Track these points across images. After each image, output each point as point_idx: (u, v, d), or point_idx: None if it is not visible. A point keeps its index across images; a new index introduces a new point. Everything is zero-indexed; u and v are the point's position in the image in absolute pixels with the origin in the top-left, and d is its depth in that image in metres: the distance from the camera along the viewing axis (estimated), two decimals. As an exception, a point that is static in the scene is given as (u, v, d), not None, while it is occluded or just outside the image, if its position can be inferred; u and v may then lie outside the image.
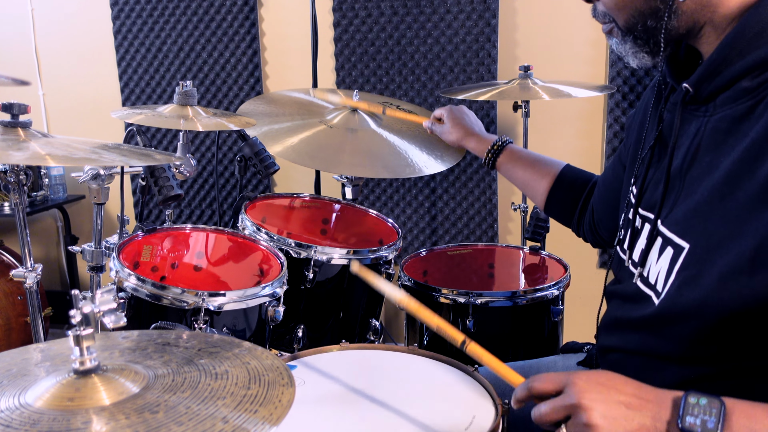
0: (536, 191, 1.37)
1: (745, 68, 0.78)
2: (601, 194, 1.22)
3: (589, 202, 1.28)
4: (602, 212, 1.21)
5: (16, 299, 2.41)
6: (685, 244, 0.81)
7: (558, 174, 1.34)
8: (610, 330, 0.98)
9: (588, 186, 1.30)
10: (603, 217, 1.22)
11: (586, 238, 1.31)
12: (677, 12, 0.84)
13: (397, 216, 2.52)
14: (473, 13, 2.26)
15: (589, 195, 1.29)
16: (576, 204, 1.31)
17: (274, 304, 1.34)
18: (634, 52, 0.90)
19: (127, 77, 2.72)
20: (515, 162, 1.40)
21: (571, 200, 1.32)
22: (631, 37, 0.89)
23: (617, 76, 2.19)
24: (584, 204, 1.30)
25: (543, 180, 1.35)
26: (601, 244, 1.29)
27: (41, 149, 1.06)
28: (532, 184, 1.37)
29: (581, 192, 1.30)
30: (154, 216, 2.78)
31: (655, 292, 0.86)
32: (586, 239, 1.32)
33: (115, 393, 0.67)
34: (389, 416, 0.92)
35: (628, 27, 0.89)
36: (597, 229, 1.25)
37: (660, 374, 0.86)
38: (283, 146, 1.66)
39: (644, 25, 0.87)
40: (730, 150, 0.78)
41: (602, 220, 1.22)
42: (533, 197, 1.39)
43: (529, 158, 1.40)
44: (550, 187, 1.34)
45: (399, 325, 2.66)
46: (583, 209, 1.30)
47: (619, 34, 0.91)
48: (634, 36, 0.89)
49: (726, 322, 0.75)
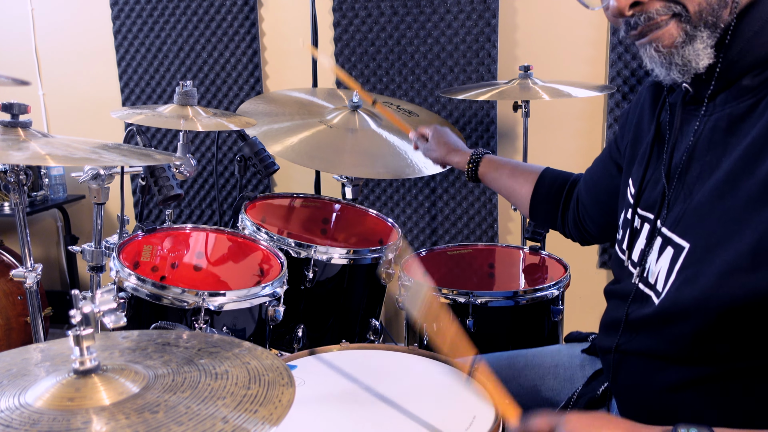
0: (520, 197, 1.37)
1: (746, 66, 0.78)
2: (589, 188, 1.22)
3: (570, 200, 1.29)
4: (590, 206, 1.22)
5: (16, 299, 2.41)
6: (685, 244, 0.81)
7: (538, 177, 1.34)
8: (609, 330, 0.98)
9: (568, 183, 1.30)
10: (590, 211, 1.22)
11: (573, 236, 1.31)
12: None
13: (397, 216, 2.52)
14: (473, 13, 2.26)
15: (570, 192, 1.29)
16: (558, 203, 1.31)
17: (274, 303, 1.34)
18: (704, 47, 0.79)
19: (127, 77, 2.72)
20: (496, 170, 1.41)
21: (553, 199, 1.32)
22: (702, 24, 0.78)
23: (617, 76, 2.19)
24: (566, 201, 1.30)
25: (525, 185, 1.35)
26: (589, 241, 1.29)
27: (41, 149, 1.06)
28: (515, 192, 1.38)
29: (561, 190, 1.31)
30: (154, 216, 2.78)
31: (655, 291, 0.86)
32: (573, 238, 1.32)
33: (115, 393, 0.67)
34: (389, 416, 0.92)
35: (702, 6, 0.77)
36: (583, 223, 1.25)
37: (660, 375, 0.86)
38: (283, 146, 1.66)
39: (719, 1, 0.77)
40: (731, 149, 0.78)
41: (589, 214, 1.22)
42: (518, 205, 1.40)
43: (509, 166, 1.41)
44: (532, 190, 1.34)
45: (399, 325, 2.66)
46: (566, 206, 1.30)
47: (682, 33, 0.79)
48: (706, 22, 0.78)
49: (726, 320, 0.75)
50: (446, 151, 1.51)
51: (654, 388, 0.86)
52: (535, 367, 1.20)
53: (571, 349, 1.22)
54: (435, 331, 0.92)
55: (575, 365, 1.18)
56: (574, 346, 1.23)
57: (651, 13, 0.80)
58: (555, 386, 1.16)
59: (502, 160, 1.43)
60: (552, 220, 1.34)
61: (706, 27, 0.78)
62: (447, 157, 1.51)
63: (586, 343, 1.20)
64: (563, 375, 1.17)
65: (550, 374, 1.18)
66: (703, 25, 0.78)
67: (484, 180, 1.44)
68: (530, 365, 1.20)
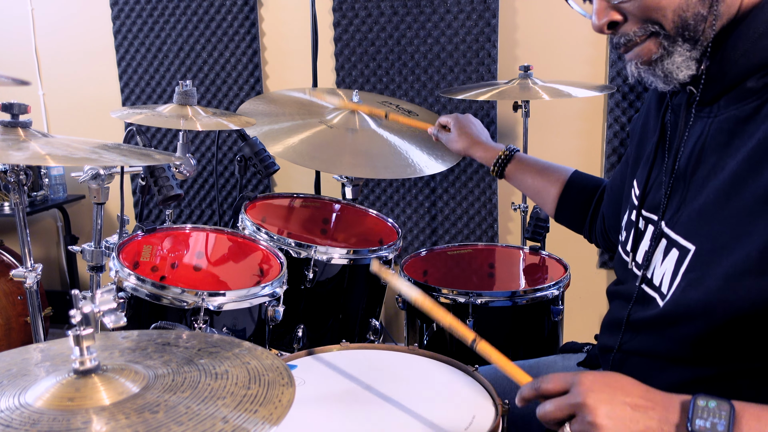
0: (546, 199, 1.35)
1: (751, 69, 0.78)
2: (610, 200, 1.20)
3: (600, 208, 1.26)
4: (612, 218, 1.20)
5: (16, 299, 2.41)
6: (690, 246, 0.81)
7: (567, 180, 1.32)
8: (612, 330, 0.98)
9: (598, 192, 1.28)
10: (613, 223, 1.20)
11: (599, 244, 1.29)
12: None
13: (397, 216, 2.52)
14: (473, 13, 2.26)
15: (599, 200, 1.27)
16: (587, 210, 1.29)
17: (274, 303, 1.34)
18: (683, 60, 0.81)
19: (127, 77, 2.72)
20: (524, 170, 1.38)
21: (582, 206, 1.30)
22: (680, 39, 0.80)
23: (617, 76, 2.19)
24: (595, 210, 1.28)
25: (552, 187, 1.33)
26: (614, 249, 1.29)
27: (41, 149, 1.06)
28: (541, 192, 1.35)
29: (591, 198, 1.28)
30: (154, 216, 2.78)
31: (659, 294, 0.86)
32: (599, 245, 1.30)
33: (115, 393, 0.67)
34: (389, 416, 0.92)
35: (676, 25, 0.79)
36: (608, 234, 1.23)
37: (662, 375, 0.86)
38: (283, 146, 1.66)
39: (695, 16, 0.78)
40: (735, 151, 0.78)
41: (613, 226, 1.20)
42: (543, 205, 1.38)
43: (537, 166, 1.38)
44: (559, 194, 1.32)
45: (399, 325, 2.66)
46: (594, 215, 1.28)
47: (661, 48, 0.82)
48: (683, 37, 0.80)
49: (732, 323, 0.75)
50: (469, 144, 1.47)
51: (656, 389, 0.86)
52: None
53: (566, 360, 1.21)
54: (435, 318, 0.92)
55: None
56: (569, 358, 1.22)
57: (629, 35, 0.83)
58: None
59: (531, 159, 1.40)
60: (578, 226, 1.32)
61: (685, 41, 0.80)
62: (470, 150, 1.47)
63: (582, 354, 1.19)
64: None
65: None
66: (681, 40, 0.80)
67: (510, 178, 1.40)
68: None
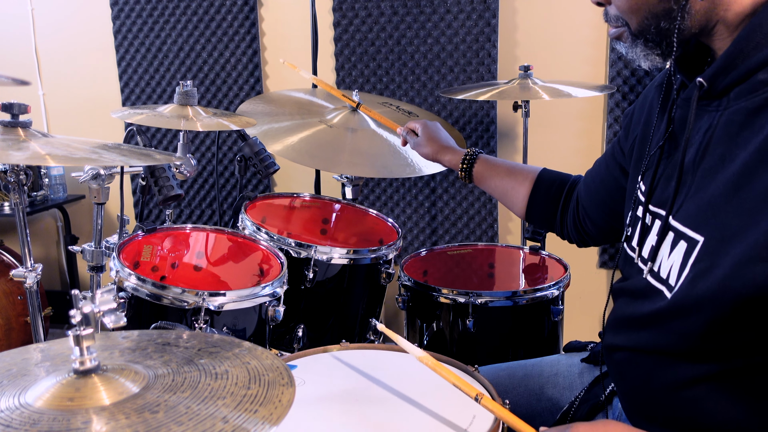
0: (515, 198, 1.35)
1: (762, 61, 0.78)
2: (590, 190, 1.21)
3: (570, 201, 1.28)
4: (591, 207, 1.21)
5: (16, 299, 2.41)
6: (699, 237, 0.81)
7: (536, 177, 1.32)
8: (617, 328, 0.98)
9: (567, 185, 1.29)
10: (591, 213, 1.21)
11: (571, 238, 1.30)
12: (690, 12, 0.83)
13: (397, 216, 2.52)
14: (473, 13, 2.26)
15: (569, 193, 1.28)
16: (557, 204, 1.30)
17: (274, 303, 1.34)
18: (645, 54, 0.90)
19: (127, 77, 2.72)
20: (491, 171, 1.38)
21: (552, 200, 1.31)
22: (642, 40, 0.89)
23: (617, 76, 2.19)
24: (565, 203, 1.29)
25: (521, 186, 1.34)
26: (587, 243, 1.29)
27: (41, 149, 1.06)
28: (510, 193, 1.36)
29: (561, 191, 1.29)
30: (154, 216, 2.78)
31: (667, 286, 0.86)
32: (571, 239, 1.31)
33: (115, 393, 0.67)
34: (389, 416, 0.92)
35: (640, 30, 0.88)
36: (583, 225, 1.24)
37: (669, 372, 0.86)
38: (283, 146, 1.66)
39: (657, 27, 0.86)
40: (745, 142, 0.78)
41: (589, 216, 1.22)
42: (512, 206, 1.37)
43: (504, 166, 1.38)
44: (529, 191, 1.32)
45: (399, 325, 2.66)
46: (565, 208, 1.29)
47: (629, 39, 0.91)
48: (645, 39, 0.88)
49: (739, 312, 0.75)
50: (437, 149, 1.47)
51: (662, 386, 0.86)
52: (534, 376, 1.20)
53: (570, 358, 1.22)
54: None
55: (574, 374, 1.18)
56: (572, 356, 1.22)
57: (609, 17, 0.93)
58: (554, 395, 1.16)
59: (498, 161, 1.41)
60: (549, 221, 1.33)
61: (647, 42, 0.89)
62: (438, 155, 1.47)
63: (585, 352, 1.20)
64: (562, 384, 1.17)
65: (549, 383, 1.18)
66: (643, 41, 0.89)
67: (478, 180, 1.40)
68: (529, 375, 1.20)
